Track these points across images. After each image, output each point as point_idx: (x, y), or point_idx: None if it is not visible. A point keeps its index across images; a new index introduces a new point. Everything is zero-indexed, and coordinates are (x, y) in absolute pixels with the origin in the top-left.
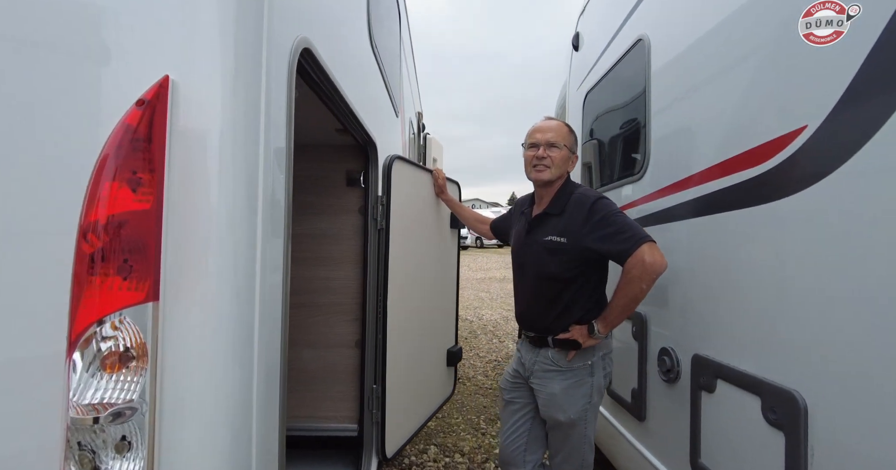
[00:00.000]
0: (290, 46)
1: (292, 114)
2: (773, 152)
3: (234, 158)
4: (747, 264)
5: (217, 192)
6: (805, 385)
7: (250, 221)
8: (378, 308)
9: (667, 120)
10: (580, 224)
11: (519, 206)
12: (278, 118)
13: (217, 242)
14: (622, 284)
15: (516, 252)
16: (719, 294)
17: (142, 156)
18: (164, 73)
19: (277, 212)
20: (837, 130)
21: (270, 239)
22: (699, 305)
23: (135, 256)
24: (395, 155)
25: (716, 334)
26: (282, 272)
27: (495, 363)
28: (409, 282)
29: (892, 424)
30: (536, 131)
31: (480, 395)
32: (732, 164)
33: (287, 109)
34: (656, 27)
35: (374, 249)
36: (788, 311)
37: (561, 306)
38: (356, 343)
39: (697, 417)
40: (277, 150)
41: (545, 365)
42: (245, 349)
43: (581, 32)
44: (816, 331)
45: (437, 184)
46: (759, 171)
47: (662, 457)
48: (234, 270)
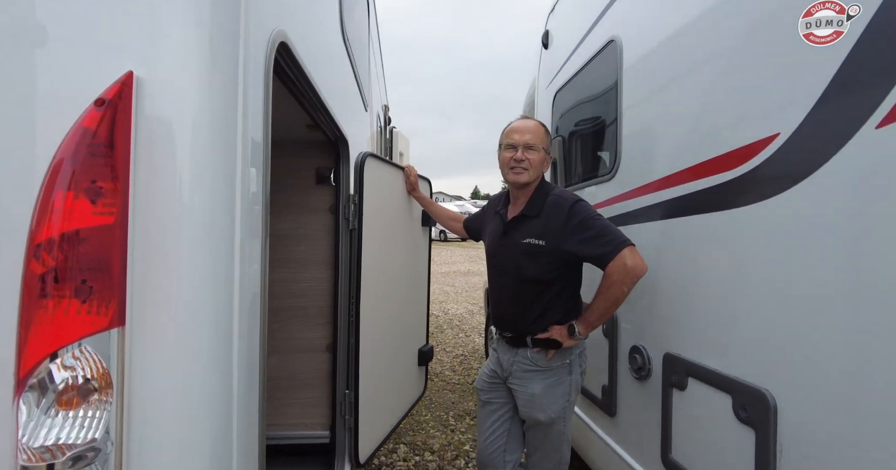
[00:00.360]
0: (268, 40)
1: (269, 117)
2: (744, 159)
3: (210, 165)
4: (717, 267)
5: (190, 202)
6: (774, 385)
7: (228, 232)
8: (350, 311)
9: (638, 122)
10: (559, 227)
11: (493, 205)
12: (255, 122)
13: (191, 256)
14: (603, 287)
15: (492, 253)
16: (690, 295)
17: (103, 162)
18: (128, 69)
19: (256, 219)
20: (810, 139)
21: (249, 252)
22: (670, 305)
23: (96, 275)
24: (368, 152)
25: (687, 334)
26: (260, 286)
27: (462, 358)
28: (382, 283)
29: (856, 422)
30: (514, 132)
31: (448, 391)
32: (704, 169)
33: (264, 113)
34: (628, 29)
35: (345, 250)
36: (757, 312)
37: (540, 308)
38: (327, 347)
39: (669, 413)
40: (255, 156)
41: (524, 365)
42: (224, 378)
43: (551, 31)
44: (785, 333)
45: (409, 181)
46: (731, 176)
47: (633, 452)
48: (211, 287)
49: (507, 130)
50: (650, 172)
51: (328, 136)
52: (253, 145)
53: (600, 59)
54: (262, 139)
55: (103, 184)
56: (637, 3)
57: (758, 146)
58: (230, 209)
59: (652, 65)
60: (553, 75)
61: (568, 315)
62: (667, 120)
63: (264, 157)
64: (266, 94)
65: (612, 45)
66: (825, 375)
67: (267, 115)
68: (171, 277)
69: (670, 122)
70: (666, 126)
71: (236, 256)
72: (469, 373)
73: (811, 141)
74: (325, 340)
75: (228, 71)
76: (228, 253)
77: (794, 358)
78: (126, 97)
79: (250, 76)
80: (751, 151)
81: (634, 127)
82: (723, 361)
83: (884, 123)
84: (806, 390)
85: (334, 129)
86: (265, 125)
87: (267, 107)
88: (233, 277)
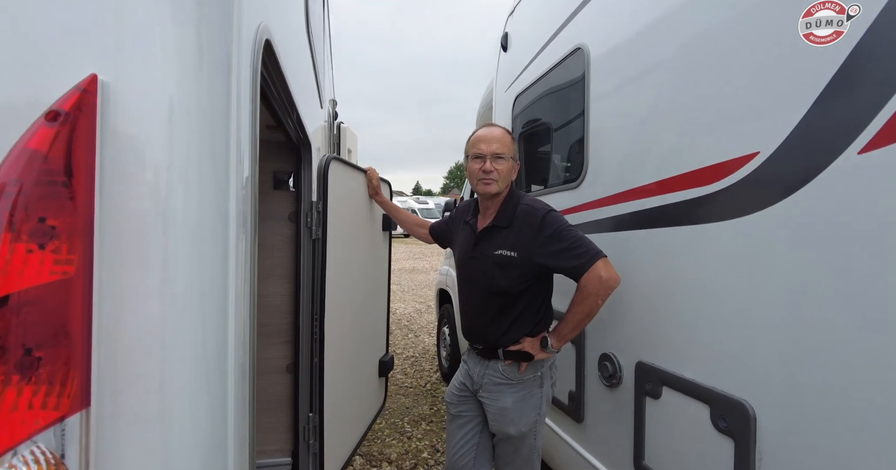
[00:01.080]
0: (255, 35)
1: (257, 133)
2: (720, 175)
3: (198, 197)
4: (693, 279)
5: (175, 250)
6: (754, 395)
7: (220, 279)
8: (314, 329)
9: (608, 132)
10: (530, 238)
11: (461, 213)
12: (245, 142)
13: (178, 318)
14: (577, 299)
15: (463, 264)
16: (664, 306)
17: (56, 195)
18: (90, 72)
19: (249, 256)
20: (789, 161)
21: (243, 316)
22: (643, 315)
23: (48, 348)
24: (331, 155)
25: (661, 343)
26: (251, 355)
27: (413, 360)
28: (346, 296)
29: (836, 432)
30: (480, 141)
31: (402, 395)
32: (678, 182)
33: (252, 125)
34: (596, 37)
35: (307, 261)
36: (733, 324)
37: (510, 320)
38: (288, 368)
39: (642, 421)
40: (247, 190)
41: (495, 378)
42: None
43: (510, 33)
44: (764, 344)
45: (372, 185)
46: (705, 192)
47: (602, 457)
48: (202, 361)
49: (473, 140)
50: (621, 182)
51: (291, 139)
52: (246, 180)
53: (566, 66)
54: (249, 170)
55: (57, 222)
56: (605, 12)
57: (736, 163)
58: (221, 254)
59: (622, 75)
60: (513, 79)
61: (539, 325)
62: (640, 131)
63: (253, 192)
64: (254, 100)
65: (579, 52)
66: (805, 386)
67: (255, 129)
68: (151, 344)
69: (643, 134)
70: (638, 137)
71: (230, 322)
72: (421, 375)
73: (791, 162)
74: (286, 360)
75: (218, 72)
76: (221, 311)
77: (774, 369)
78: (88, 108)
79: (243, 78)
80: (729, 168)
81: (603, 136)
82: (700, 371)
83: (866, 149)
84: (786, 401)
85: (299, 130)
86: (252, 149)
87: (255, 119)
88: (227, 343)
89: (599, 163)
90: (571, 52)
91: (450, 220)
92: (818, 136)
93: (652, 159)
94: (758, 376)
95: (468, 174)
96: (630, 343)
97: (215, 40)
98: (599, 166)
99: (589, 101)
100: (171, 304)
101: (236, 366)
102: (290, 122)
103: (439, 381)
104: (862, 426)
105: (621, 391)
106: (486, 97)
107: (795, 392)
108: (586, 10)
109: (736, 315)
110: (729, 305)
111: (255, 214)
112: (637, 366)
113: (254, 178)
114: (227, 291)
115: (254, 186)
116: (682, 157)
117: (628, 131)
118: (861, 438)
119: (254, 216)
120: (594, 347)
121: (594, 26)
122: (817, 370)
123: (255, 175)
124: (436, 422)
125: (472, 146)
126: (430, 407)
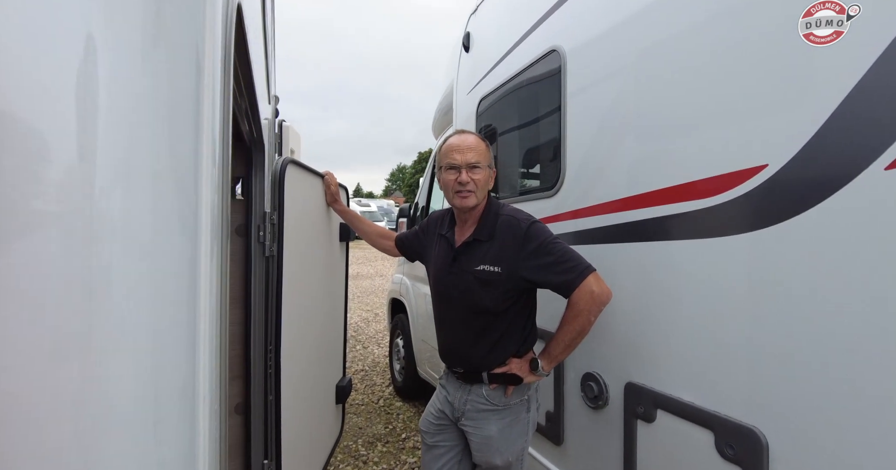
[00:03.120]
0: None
1: (229, 118)
2: (726, 186)
3: (153, 208)
4: (689, 294)
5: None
6: (766, 422)
7: (189, 329)
8: (268, 361)
9: (588, 138)
10: (514, 251)
11: (434, 225)
12: (214, 139)
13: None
14: (569, 317)
15: (439, 281)
16: (659, 322)
17: None
18: None
19: (217, 277)
20: (802, 176)
21: (207, 331)
22: (634, 332)
23: None
24: (287, 158)
25: (654, 363)
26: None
27: (363, 374)
28: (305, 321)
29: (855, 463)
30: (453, 151)
31: (353, 414)
32: (672, 194)
33: (223, 112)
34: (573, 38)
35: (259, 282)
36: (742, 343)
37: (494, 340)
38: (236, 408)
39: (632, 445)
40: (219, 186)
41: (479, 404)
42: None
43: (472, 33)
44: (775, 366)
45: (330, 191)
46: (706, 204)
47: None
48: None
49: (446, 149)
50: (605, 192)
51: (244, 137)
52: (216, 187)
53: (539, 68)
54: (220, 174)
55: None
56: (585, 11)
57: (743, 175)
58: (182, 284)
59: (605, 77)
60: (477, 80)
61: (525, 345)
62: (627, 138)
63: (223, 206)
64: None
65: (554, 54)
66: (822, 412)
67: (227, 120)
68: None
69: (632, 141)
70: (625, 145)
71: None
72: (373, 390)
73: (803, 178)
74: (234, 399)
75: (185, 47)
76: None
77: (788, 393)
78: None
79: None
80: (735, 180)
81: (582, 143)
82: (701, 394)
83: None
84: (801, 428)
85: (254, 128)
86: (225, 144)
87: (227, 105)
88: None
89: (579, 170)
90: (546, 54)
91: (420, 232)
92: (836, 149)
93: (642, 167)
94: (770, 401)
95: (442, 186)
96: (618, 362)
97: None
98: (579, 173)
99: (566, 103)
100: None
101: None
102: (249, 116)
103: (393, 396)
104: (890, 454)
105: (607, 413)
106: (445, 100)
107: (812, 418)
108: (563, 9)
109: (744, 333)
110: (736, 323)
111: (226, 226)
112: (627, 387)
113: (225, 176)
114: (187, 325)
115: (225, 188)
116: (679, 165)
117: (611, 137)
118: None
119: (225, 228)
120: (576, 365)
121: (572, 25)
122: (836, 395)
123: (227, 174)
124: (392, 442)
125: (444, 156)
126: (385, 426)
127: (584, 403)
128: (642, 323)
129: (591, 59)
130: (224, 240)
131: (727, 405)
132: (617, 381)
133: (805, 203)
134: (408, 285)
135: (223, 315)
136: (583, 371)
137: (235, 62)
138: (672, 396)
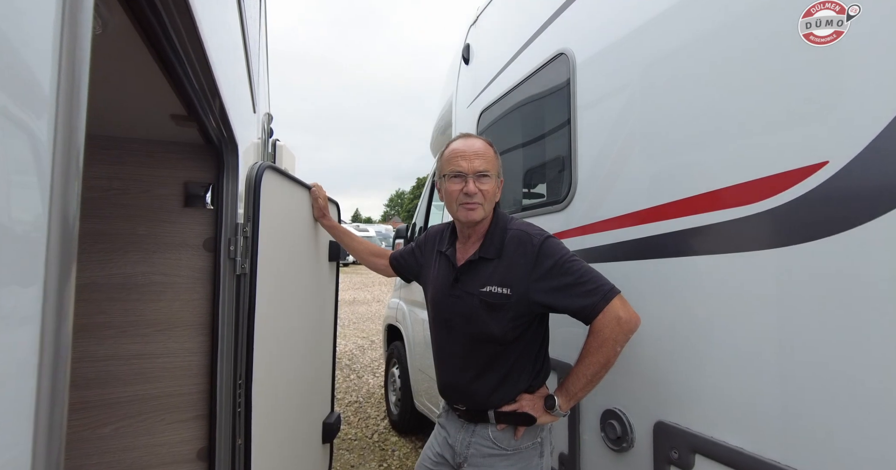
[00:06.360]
0: None
1: (85, 82)
2: (772, 191)
3: None
4: (732, 320)
5: None
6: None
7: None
8: (237, 399)
9: (604, 146)
10: (526, 271)
11: (433, 241)
12: (71, 94)
13: None
14: (592, 347)
15: (438, 305)
16: (696, 353)
17: None
18: None
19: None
20: (870, 173)
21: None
22: (662, 363)
23: None
24: (265, 163)
25: (689, 400)
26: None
27: (357, 405)
28: (283, 351)
29: None
30: (459, 157)
31: (345, 450)
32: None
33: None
34: (584, 39)
35: (229, 304)
36: (798, 376)
37: (502, 374)
38: (199, 454)
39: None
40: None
41: (484, 448)
42: None
43: (472, 44)
44: (849, 408)
45: (318, 205)
46: (745, 212)
47: None
48: None
49: (449, 155)
50: (623, 204)
51: (209, 135)
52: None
53: (545, 75)
54: (73, 136)
55: None
56: (596, 10)
57: (795, 175)
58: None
59: (619, 77)
60: (477, 92)
61: (537, 379)
62: (650, 144)
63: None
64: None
65: (562, 58)
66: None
67: (82, 79)
68: None
69: (657, 147)
70: (649, 151)
71: None
72: (367, 424)
73: (872, 175)
74: (196, 443)
75: None
76: None
77: (859, 438)
78: None
79: None
80: (785, 181)
81: (596, 151)
82: (749, 437)
83: None
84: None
85: (222, 124)
86: (75, 105)
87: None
88: None
89: (592, 180)
90: (553, 58)
91: (417, 249)
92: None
93: (667, 175)
94: (836, 446)
95: (444, 197)
96: (645, 397)
97: None
98: (592, 184)
99: (576, 111)
100: None
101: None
102: (208, 109)
103: (388, 430)
104: None
105: (633, 456)
106: (443, 117)
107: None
108: (570, 9)
109: (808, 367)
110: (797, 353)
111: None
112: (656, 427)
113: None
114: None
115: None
116: (713, 170)
117: (636, 145)
118: None
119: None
120: (596, 401)
121: (582, 26)
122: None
123: (81, 134)
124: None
125: (447, 163)
126: (380, 463)
127: (604, 444)
128: (674, 352)
129: (604, 61)
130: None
131: (784, 451)
132: (644, 419)
133: (873, 211)
134: (405, 310)
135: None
136: (603, 408)
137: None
138: (713, 439)
